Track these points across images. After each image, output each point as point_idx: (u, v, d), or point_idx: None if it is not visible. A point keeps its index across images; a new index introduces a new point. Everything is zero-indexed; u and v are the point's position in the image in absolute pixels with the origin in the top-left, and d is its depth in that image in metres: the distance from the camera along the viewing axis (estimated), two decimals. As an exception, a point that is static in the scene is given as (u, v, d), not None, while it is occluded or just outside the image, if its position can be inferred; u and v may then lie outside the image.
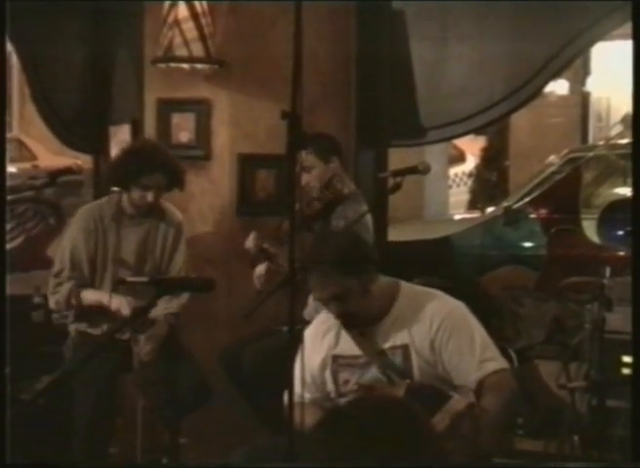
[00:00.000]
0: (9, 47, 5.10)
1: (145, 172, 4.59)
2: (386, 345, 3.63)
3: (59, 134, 5.81)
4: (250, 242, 4.65)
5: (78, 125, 5.71)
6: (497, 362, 3.59)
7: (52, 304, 4.83)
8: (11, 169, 19.68)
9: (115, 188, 4.79)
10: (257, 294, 4.60)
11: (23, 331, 5.69)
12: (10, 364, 5.42)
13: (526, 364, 5.31)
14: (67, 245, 4.77)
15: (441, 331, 3.58)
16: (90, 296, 4.68)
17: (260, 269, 4.69)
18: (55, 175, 4.83)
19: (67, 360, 4.73)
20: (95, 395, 4.53)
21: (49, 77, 5.68)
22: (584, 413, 4.98)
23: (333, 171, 4.79)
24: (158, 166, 4.61)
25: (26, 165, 19.44)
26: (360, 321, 3.66)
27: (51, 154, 18.67)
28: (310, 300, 4.67)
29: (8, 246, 8.06)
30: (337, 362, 3.68)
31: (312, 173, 4.75)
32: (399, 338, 3.62)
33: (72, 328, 4.80)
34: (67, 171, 4.91)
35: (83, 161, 4.95)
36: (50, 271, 4.85)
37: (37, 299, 5.76)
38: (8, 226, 8.10)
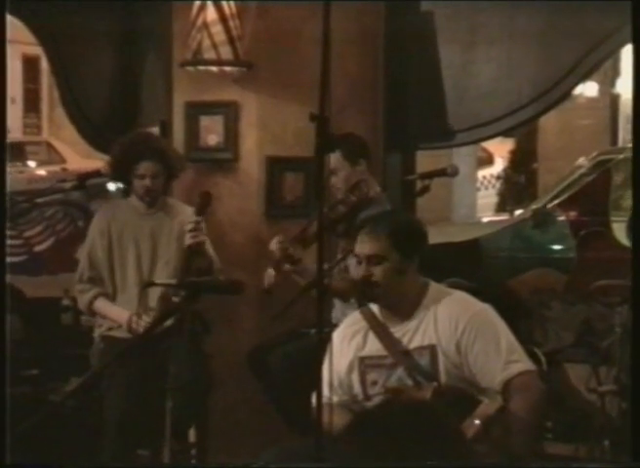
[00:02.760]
0: (39, 50, 5.12)
1: (137, 160, 4.69)
2: (413, 345, 3.62)
3: (88, 137, 5.84)
4: (273, 245, 4.64)
5: (107, 128, 5.73)
6: (523, 363, 3.58)
7: (80, 307, 4.88)
8: (40, 172, 19.85)
9: (120, 185, 4.88)
10: (267, 293, 4.62)
11: (53, 334, 5.74)
12: (39, 365, 5.48)
13: (555, 367, 5.28)
14: (86, 247, 4.85)
15: (467, 333, 3.58)
16: (107, 310, 4.73)
17: (270, 271, 4.68)
18: (84, 178, 4.87)
19: (94, 363, 4.75)
20: (124, 397, 4.55)
21: (78, 81, 5.71)
22: (615, 417, 4.95)
23: (360, 174, 4.77)
24: (151, 154, 4.70)
25: (56, 168, 19.55)
26: (378, 300, 3.66)
27: (80, 157, 18.76)
28: (337, 304, 4.67)
29: (37, 248, 8.11)
30: (364, 363, 3.68)
31: (339, 175, 4.73)
32: (427, 339, 3.61)
33: (97, 332, 4.83)
34: (96, 174, 4.96)
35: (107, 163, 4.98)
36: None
37: (66, 302, 5.79)
38: (37, 229, 8.15)
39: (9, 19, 3.93)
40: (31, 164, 20.06)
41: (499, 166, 18.06)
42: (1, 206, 4.06)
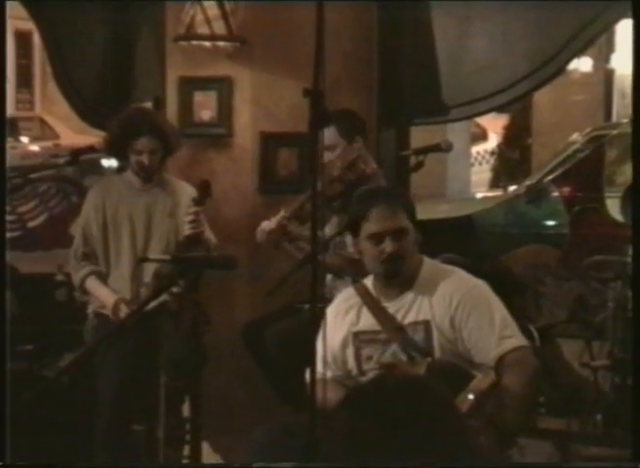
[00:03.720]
0: (31, 25, 5.10)
1: (135, 136, 4.67)
2: (407, 320, 3.63)
3: (81, 112, 5.82)
4: (273, 222, 4.63)
5: (100, 103, 5.71)
6: (516, 339, 3.59)
7: (73, 284, 4.88)
8: (33, 147, 19.81)
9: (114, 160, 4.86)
10: (263, 245, 4.61)
11: (47, 309, 5.74)
12: (34, 341, 5.48)
13: (548, 342, 5.30)
14: (80, 223, 4.85)
15: (460, 308, 3.59)
16: (97, 290, 4.73)
17: (267, 225, 4.64)
18: (77, 154, 4.84)
19: (88, 339, 4.75)
20: (118, 372, 4.57)
21: (71, 55, 5.68)
22: (607, 392, 4.97)
23: (356, 150, 4.75)
24: (147, 130, 4.67)
25: (48, 143, 19.52)
26: (401, 274, 3.66)
27: (73, 133, 18.72)
28: (329, 280, 4.67)
29: (30, 224, 8.10)
30: (358, 338, 3.69)
31: (335, 152, 4.71)
32: (421, 314, 3.62)
33: (91, 308, 4.83)
34: (89, 149, 4.93)
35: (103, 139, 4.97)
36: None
37: (60, 277, 5.79)
38: (30, 204, 8.13)
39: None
40: (24, 140, 20.03)
41: (492, 141, 18.07)
42: (1, 203, 4.06)
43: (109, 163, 10.86)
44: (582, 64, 14.68)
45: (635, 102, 3.65)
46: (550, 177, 8.78)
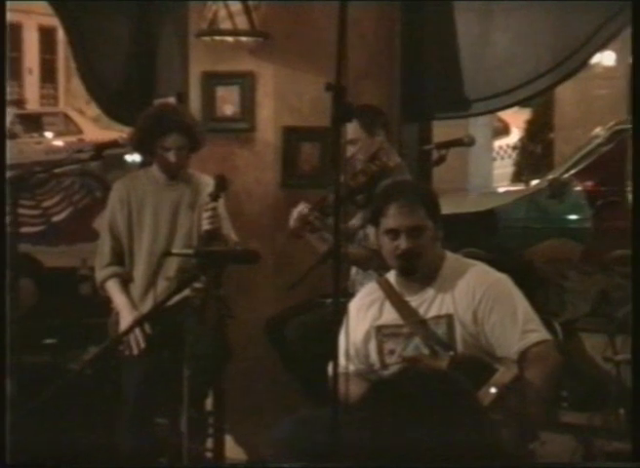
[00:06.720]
0: (55, 21, 5.12)
1: (163, 133, 4.68)
2: (430, 314, 3.63)
3: (104, 107, 5.85)
4: (296, 213, 4.64)
5: (123, 98, 5.74)
6: (539, 333, 3.59)
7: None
8: (57, 142, 19.91)
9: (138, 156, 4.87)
10: (290, 235, 4.61)
11: (70, 303, 5.78)
12: (58, 334, 5.52)
13: (571, 337, 5.29)
14: (106, 217, 4.86)
15: (483, 302, 3.59)
16: (114, 294, 4.77)
17: (301, 209, 4.63)
18: (100, 149, 4.86)
19: (112, 332, 4.78)
20: (142, 366, 4.59)
21: (95, 51, 5.71)
22: (630, 386, 4.96)
23: (379, 144, 4.76)
24: (175, 126, 4.68)
25: (72, 138, 19.62)
26: (417, 271, 3.66)
27: (96, 128, 18.80)
28: (353, 273, 4.68)
29: (55, 218, 8.15)
30: (381, 332, 3.69)
31: (358, 145, 4.73)
32: (444, 308, 3.62)
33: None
34: (113, 144, 4.95)
35: (128, 134, 4.98)
36: (95, 243, 4.93)
37: (83, 271, 5.82)
38: (55, 199, 8.18)
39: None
40: (48, 135, 20.13)
41: (515, 136, 18.00)
42: (1, 200, 4.07)
43: (133, 158, 10.90)
44: (605, 58, 14.60)
45: (635, 103, 3.64)
46: (573, 172, 8.76)
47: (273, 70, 5.21)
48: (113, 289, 4.77)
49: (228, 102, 5.26)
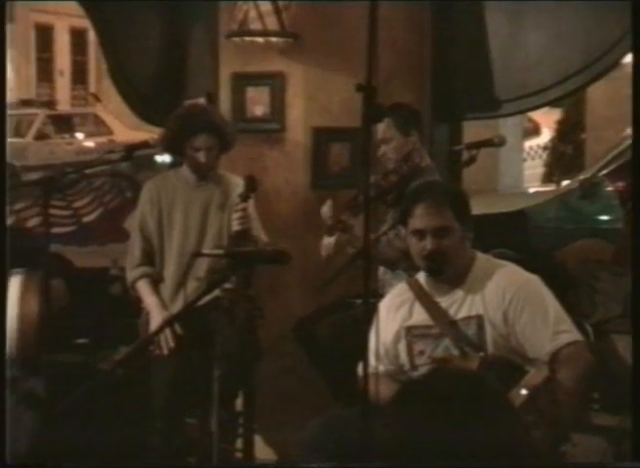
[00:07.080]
0: (86, 23, 5.15)
1: (193, 133, 4.69)
2: (460, 315, 3.62)
3: (135, 108, 5.88)
4: (326, 211, 4.65)
5: (154, 99, 5.76)
6: (571, 334, 3.57)
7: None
8: (88, 143, 20.02)
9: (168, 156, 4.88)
10: (325, 263, 4.62)
11: (101, 303, 5.81)
12: (89, 334, 5.55)
13: (602, 338, 5.26)
14: (137, 217, 4.89)
15: (514, 303, 3.57)
16: (144, 295, 4.79)
17: (329, 240, 4.68)
18: (131, 150, 4.87)
19: (143, 332, 4.80)
20: (172, 366, 4.61)
21: (126, 52, 5.74)
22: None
23: (412, 144, 4.76)
24: (204, 127, 4.69)
25: (103, 139, 19.74)
26: (444, 272, 3.65)
27: (127, 128, 18.89)
28: (381, 273, 4.68)
29: (85, 219, 8.18)
30: (411, 333, 3.69)
31: (391, 145, 4.73)
32: (474, 309, 3.61)
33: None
34: (144, 145, 4.96)
35: (159, 135, 5.00)
36: (126, 244, 4.95)
37: (114, 272, 5.85)
38: (85, 200, 8.22)
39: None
40: (79, 136, 20.26)
41: (545, 136, 17.95)
42: (1, 199, 4.08)
43: (163, 158, 10.94)
44: (637, 58, 14.51)
45: (635, 103, 3.61)
46: (604, 172, 8.71)
47: (303, 71, 5.22)
48: (144, 289, 4.79)
49: (258, 103, 5.27)
